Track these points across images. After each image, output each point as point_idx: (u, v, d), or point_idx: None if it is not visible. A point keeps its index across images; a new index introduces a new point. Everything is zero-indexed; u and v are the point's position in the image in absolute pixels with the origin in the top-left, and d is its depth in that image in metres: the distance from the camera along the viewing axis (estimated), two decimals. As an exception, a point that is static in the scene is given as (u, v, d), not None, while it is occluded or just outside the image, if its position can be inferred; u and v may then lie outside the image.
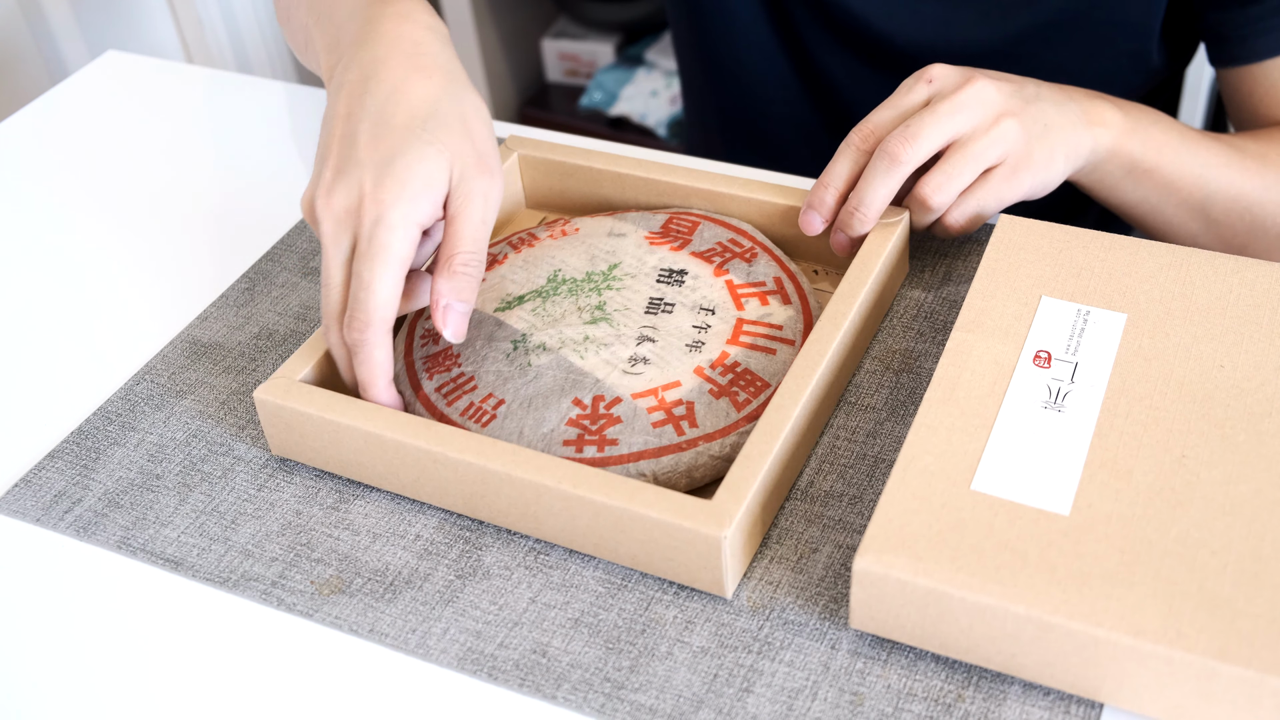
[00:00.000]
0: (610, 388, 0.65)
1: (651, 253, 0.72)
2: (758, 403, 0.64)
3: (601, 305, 0.69)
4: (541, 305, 0.70)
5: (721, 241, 0.73)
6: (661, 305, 0.69)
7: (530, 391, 0.65)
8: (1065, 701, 0.55)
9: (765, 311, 0.69)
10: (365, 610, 0.60)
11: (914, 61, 0.90)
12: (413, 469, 0.63)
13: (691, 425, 0.63)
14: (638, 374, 0.65)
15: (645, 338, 0.67)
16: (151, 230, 0.85)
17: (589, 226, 0.75)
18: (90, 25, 1.59)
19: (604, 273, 0.71)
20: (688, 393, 0.64)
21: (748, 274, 0.71)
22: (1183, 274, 0.66)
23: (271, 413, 0.65)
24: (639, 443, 0.62)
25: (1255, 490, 0.56)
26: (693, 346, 0.67)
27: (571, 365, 0.66)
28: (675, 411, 0.63)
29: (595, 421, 0.63)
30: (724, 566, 0.58)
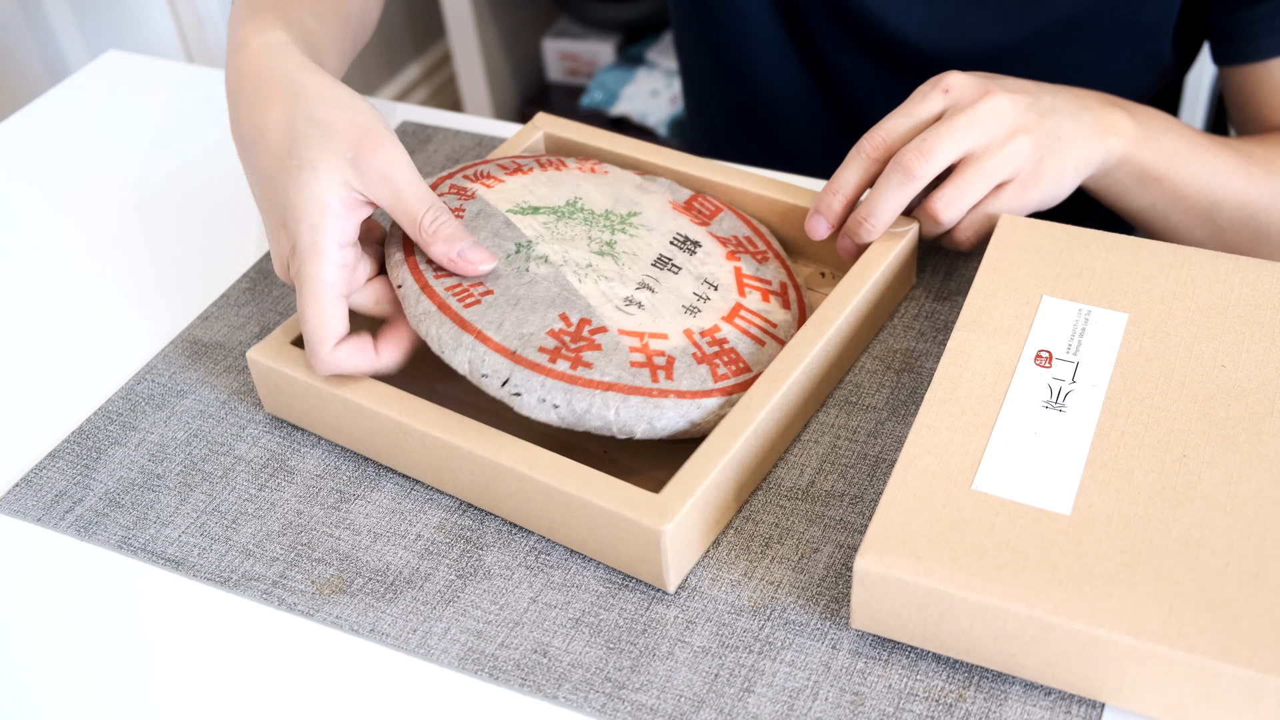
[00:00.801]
0: (600, 316, 0.64)
1: (674, 217, 0.72)
2: (735, 382, 0.64)
3: (612, 243, 0.69)
4: (555, 222, 0.69)
5: (738, 235, 0.73)
6: (670, 264, 0.69)
7: (520, 293, 0.65)
8: (1066, 701, 0.55)
9: (765, 307, 0.68)
10: (366, 610, 0.60)
11: (928, 60, 0.90)
12: (386, 438, 0.65)
13: (668, 378, 0.62)
14: (629, 314, 0.65)
15: (645, 285, 0.67)
16: (152, 230, 0.85)
17: (618, 174, 0.75)
18: (90, 25, 1.59)
19: (623, 216, 0.71)
20: (672, 348, 0.64)
21: (757, 270, 0.71)
22: (1184, 274, 0.66)
23: (262, 373, 0.68)
24: (613, 375, 0.62)
25: (1256, 490, 0.56)
26: (689, 309, 0.66)
27: (568, 284, 0.66)
28: (655, 360, 0.63)
29: (576, 340, 0.63)
30: (664, 560, 0.58)
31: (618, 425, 0.61)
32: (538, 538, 0.63)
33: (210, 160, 0.91)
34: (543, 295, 0.65)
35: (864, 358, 0.71)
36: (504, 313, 0.64)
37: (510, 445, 0.61)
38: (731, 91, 1.04)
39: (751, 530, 0.63)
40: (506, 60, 2.19)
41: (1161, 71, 0.90)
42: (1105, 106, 0.73)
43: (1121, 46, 0.88)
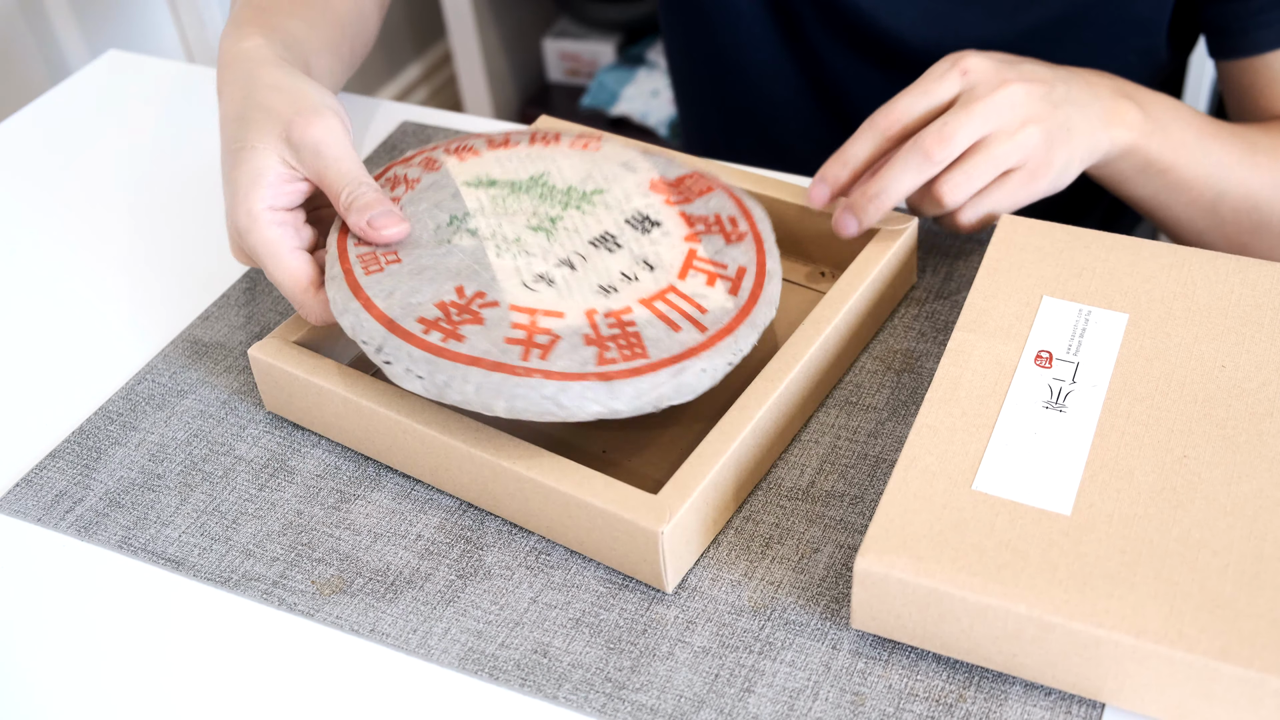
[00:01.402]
0: (499, 290, 0.64)
1: (644, 196, 0.71)
2: (619, 368, 0.60)
3: (555, 219, 0.68)
4: (506, 196, 0.69)
5: (719, 214, 0.70)
6: (610, 242, 0.67)
7: (428, 263, 0.65)
8: (1067, 701, 0.55)
9: (702, 292, 0.65)
10: (366, 610, 0.60)
11: (920, 58, 0.90)
12: (386, 437, 0.65)
13: (541, 358, 0.60)
14: (533, 290, 0.64)
15: (568, 263, 0.66)
16: (153, 229, 0.85)
17: (611, 150, 0.74)
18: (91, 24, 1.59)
19: (584, 193, 0.70)
20: (564, 327, 0.62)
21: (716, 252, 0.67)
22: (1184, 274, 0.66)
23: (264, 370, 0.68)
24: (481, 350, 0.60)
25: (1257, 490, 0.56)
26: (605, 289, 0.64)
27: (482, 257, 0.65)
28: (536, 339, 0.61)
29: (462, 313, 0.62)
30: (662, 561, 0.58)
31: (478, 401, 0.59)
32: (538, 538, 0.63)
33: (210, 160, 0.91)
34: (451, 266, 0.65)
35: (864, 358, 0.71)
36: (401, 282, 0.64)
37: (509, 445, 0.61)
38: (724, 93, 1.04)
39: (752, 530, 0.63)
40: (507, 60, 2.19)
41: (1156, 67, 0.90)
42: (1115, 97, 0.73)
43: (1114, 43, 0.88)
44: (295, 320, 0.69)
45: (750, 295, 0.65)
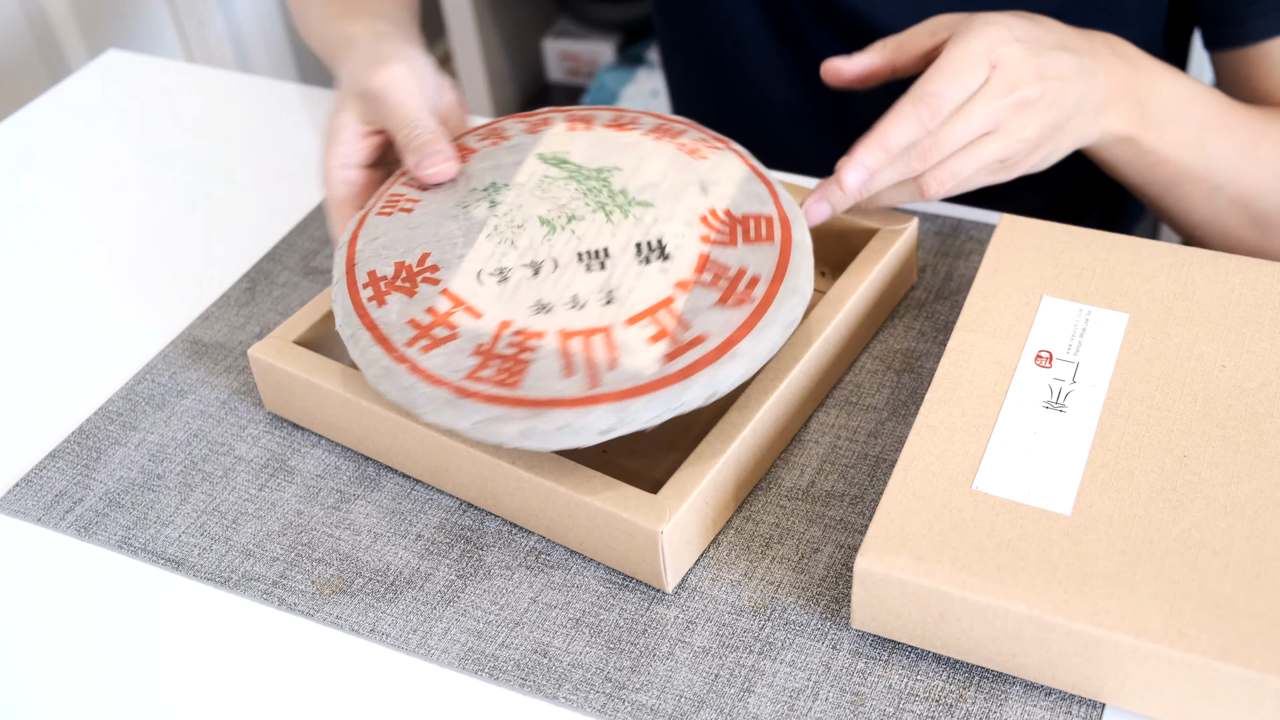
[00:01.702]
0: (452, 270, 0.63)
1: (686, 224, 0.63)
2: (478, 389, 0.58)
3: (572, 219, 0.65)
4: (560, 179, 0.67)
5: (744, 271, 0.61)
6: (599, 260, 0.63)
7: (426, 220, 0.66)
8: (1067, 701, 0.55)
9: (634, 347, 0.58)
10: (366, 610, 0.60)
11: None
12: (385, 437, 0.65)
13: (422, 351, 0.59)
14: (478, 283, 0.62)
15: (536, 266, 0.63)
16: (152, 229, 0.85)
17: (718, 163, 0.68)
18: (91, 24, 1.59)
19: (631, 200, 0.65)
20: (468, 328, 0.60)
21: (693, 310, 0.59)
22: (1184, 274, 0.66)
23: (264, 371, 0.68)
24: (386, 320, 0.61)
25: (1257, 490, 0.56)
26: (540, 307, 0.61)
27: (473, 233, 0.65)
28: (435, 331, 0.60)
29: (401, 280, 0.63)
30: (662, 561, 0.58)
31: (359, 362, 0.61)
32: (538, 538, 0.63)
33: (211, 160, 0.91)
34: (440, 232, 0.65)
35: (864, 358, 0.71)
36: (393, 231, 0.65)
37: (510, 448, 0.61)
38: (719, 91, 1.04)
39: (752, 530, 0.63)
40: (507, 60, 2.19)
41: (1151, 52, 0.91)
42: (1119, 94, 0.72)
43: (1112, 29, 0.88)
44: (295, 320, 0.69)
45: (680, 373, 0.57)
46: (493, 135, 0.71)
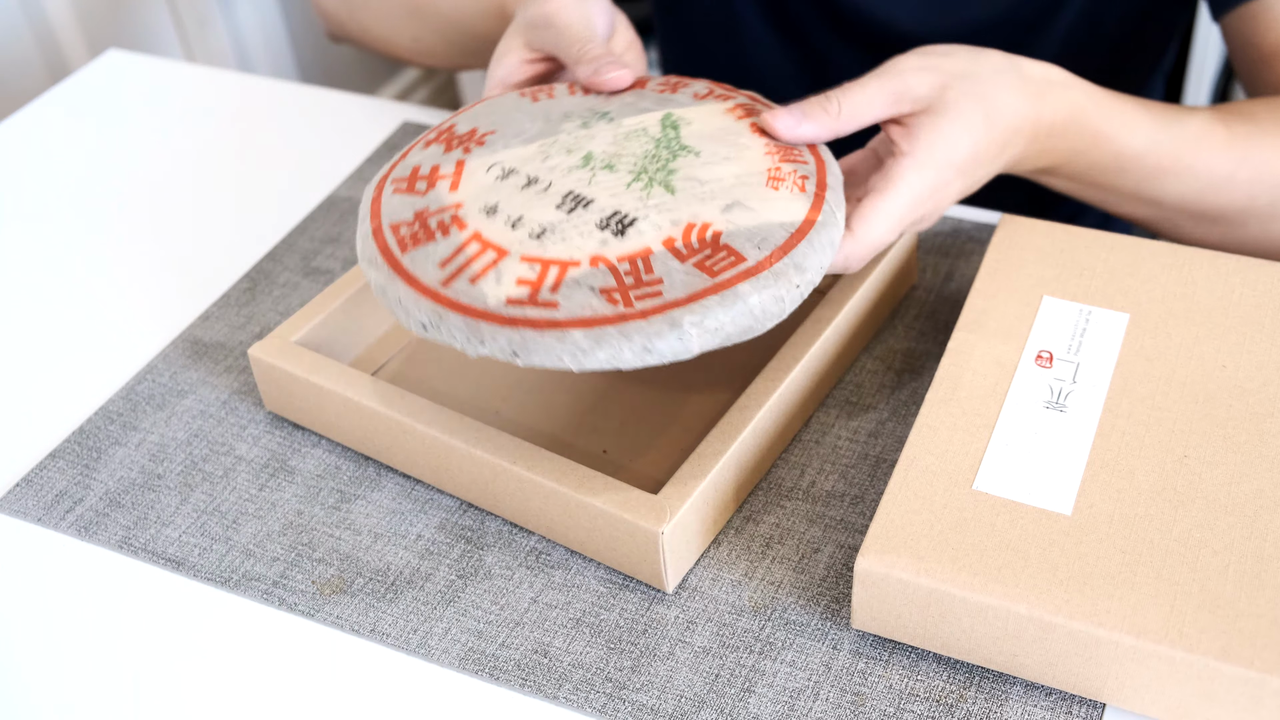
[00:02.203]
0: (488, 147, 0.64)
1: (662, 217, 0.59)
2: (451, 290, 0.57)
3: (611, 165, 0.62)
4: (642, 136, 0.65)
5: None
6: (576, 204, 0.60)
7: (541, 111, 0.67)
8: (1067, 702, 0.55)
9: (501, 290, 0.57)
10: (367, 610, 0.60)
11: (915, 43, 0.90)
12: (386, 437, 0.65)
13: (405, 246, 0.60)
14: (488, 218, 0.60)
15: (534, 179, 0.62)
16: (153, 229, 0.85)
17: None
18: (91, 24, 1.59)
19: (662, 176, 0.62)
20: (440, 191, 0.62)
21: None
22: (1185, 274, 0.66)
23: (264, 371, 0.68)
24: (391, 217, 0.62)
25: (1257, 490, 0.56)
26: (488, 209, 0.60)
27: (552, 130, 0.65)
28: (418, 185, 0.62)
29: (461, 142, 0.65)
30: (663, 561, 0.58)
31: (371, 282, 0.61)
32: (538, 538, 0.63)
33: (211, 159, 0.91)
34: (524, 123, 0.66)
35: (864, 358, 0.71)
36: (508, 109, 0.68)
37: (509, 445, 0.61)
38: None
39: (752, 530, 0.63)
40: (507, 60, 2.18)
41: (1148, 38, 0.90)
42: (1037, 146, 0.68)
43: (1103, 15, 0.88)
44: (295, 320, 0.69)
45: (509, 319, 0.56)
46: (671, 86, 0.69)
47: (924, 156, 0.63)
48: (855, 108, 0.63)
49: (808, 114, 0.63)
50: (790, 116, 0.63)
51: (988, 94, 0.65)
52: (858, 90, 0.63)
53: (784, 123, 0.63)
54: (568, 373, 0.70)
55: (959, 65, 0.65)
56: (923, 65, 0.64)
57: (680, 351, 0.55)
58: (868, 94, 0.63)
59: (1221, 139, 0.72)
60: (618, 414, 0.68)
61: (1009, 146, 0.67)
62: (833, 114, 0.63)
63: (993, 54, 0.67)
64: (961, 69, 0.65)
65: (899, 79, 0.64)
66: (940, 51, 0.66)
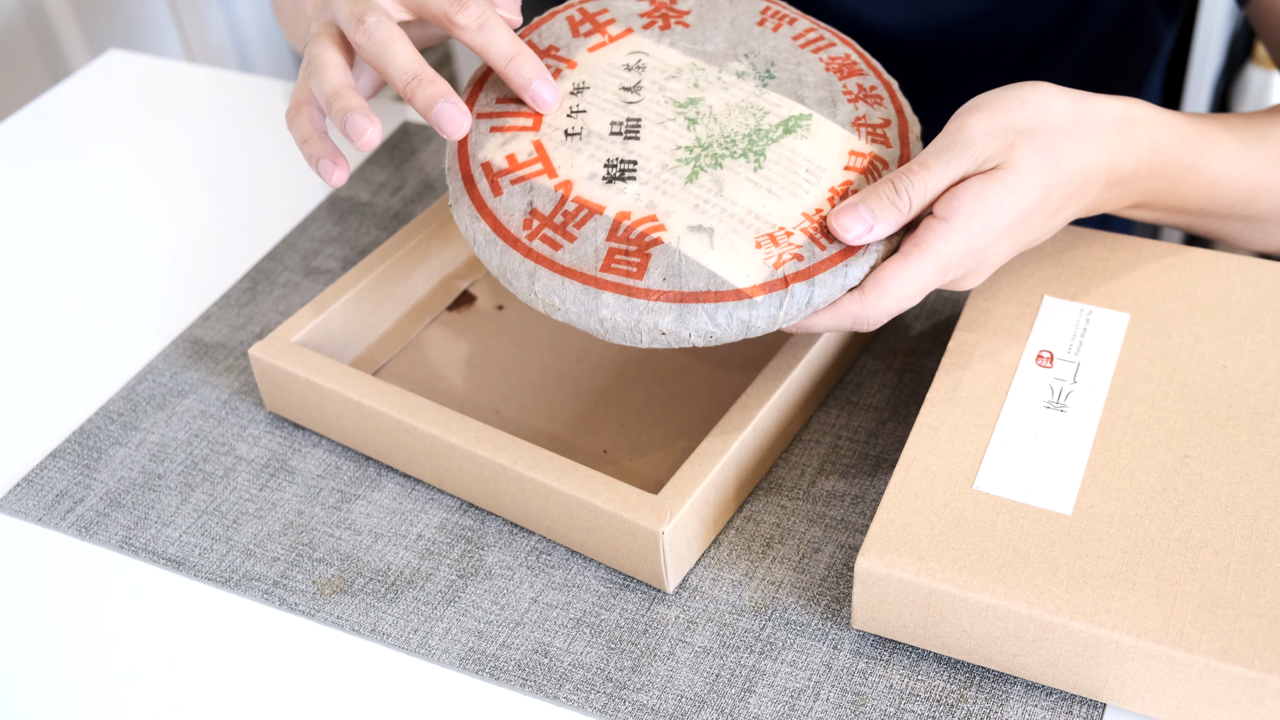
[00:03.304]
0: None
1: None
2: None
3: (698, 119, 0.63)
4: (705, 73, 0.65)
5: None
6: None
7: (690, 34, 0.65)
8: (1068, 702, 0.55)
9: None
10: (367, 610, 0.60)
11: (903, 44, 0.89)
12: (386, 437, 0.65)
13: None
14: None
15: (631, 133, 0.62)
16: (153, 229, 0.85)
17: None
18: (92, 24, 1.59)
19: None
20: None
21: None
22: (1185, 274, 0.66)
23: (264, 370, 0.68)
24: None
25: (1258, 490, 0.56)
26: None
27: (671, 51, 0.64)
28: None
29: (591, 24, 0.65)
30: (663, 561, 0.58)
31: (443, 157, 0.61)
32: (538, 538, 0.63)
33: (211, 159, 0.91)
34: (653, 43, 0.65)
35: (864, 357, 0.71)
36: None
37: (510, 445, 0.61)
38: None
39: (753, 530, 0.63)
40: (507, 60, 2.18)
41: (1142, 35, 0.90)
42: (1107, 202, 0.66)
43: (1097, 9, 0.88)
44: (296, 320, 0.69)
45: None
46: (844, 70, 0.66)
47: (960, 223, 0.58)
48: (925, 194, 0.59)
49: (876, 212, 0.59)
50: (860, 223, 0.58)
51: (1055, 146, 0.60)
52: (924, 174, 0.59)
53: (855, 232, 0.59)
54: (567, 373, 0.70)
55: (1026, 120, 0.60)
56: (990, 130, 0.60)
57: None
58: (935, 177, 0.59)
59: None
60: (618, 414, 0.68)
61: (1079, 195, 0.63)
62: (904, 210, 0.59)
63: (1063, 98, 0.62)
64: (1029, 124, 0.60)
65: (967, 150, 0.59)
66: (1007, 105, 0.61)
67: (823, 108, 0.64)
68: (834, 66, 0.66)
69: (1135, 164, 0.64)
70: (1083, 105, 0.62)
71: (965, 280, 0.61)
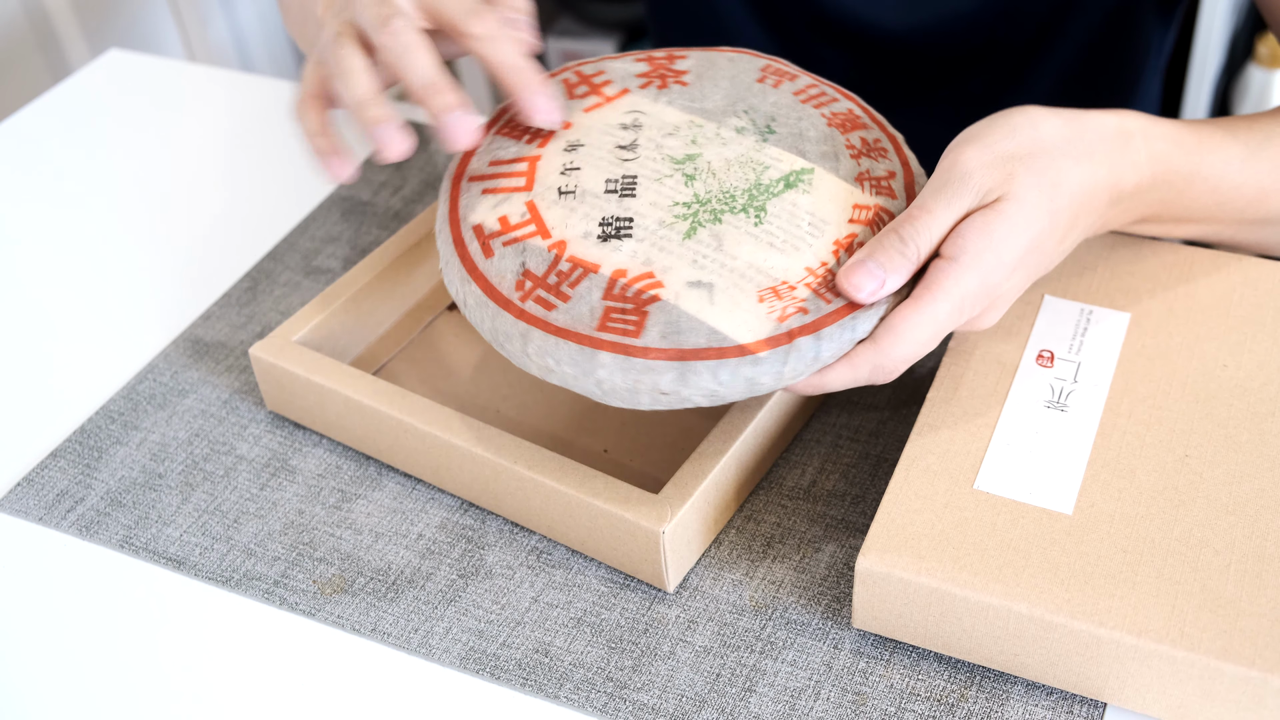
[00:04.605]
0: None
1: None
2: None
3: (693, 165, 0.61)
4: (704, 130, 0.64)
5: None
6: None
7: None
8: (1068, 701, 0.55)
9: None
10: (368, 610, 0.60)
11: (902, 44, 0.90)
12: (386, 437, 0.65)
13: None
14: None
15: (626, 187, 0.61)
16: (154, 229, 0.85)
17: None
18: (92, 24, 1.59)
19: (744, 200, 0.60)
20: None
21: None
22: (1186, 273, 0.66)
23: (265, 370, 0.68)
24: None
25: (1258, 490, 0.56)
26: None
27: (603, 174, 0.62)
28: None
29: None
30: (664, 561, 0.58)
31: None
32: (539, 537, 0.63)
33: (212, 159, 0.91)
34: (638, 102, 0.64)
35: (866, 357, 0.71)
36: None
37: (510, 445, 0.61)
38: None
39: (753, 530, 0.63)
40: (508, 59, 2.18)
41: (1140, 32, 0.89)
42: (1112, 220, 0.65)
43: (1092, 6, 0.87)
44: (296, 319, 0.69)
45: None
46: (846, 125, 0.65)
47: (969, 261, 0.57)
48: (931, 238, 0.58)
49: (887, 266, 0.57)
50: (872, 279, 0.57)
51: (1054, 170, 0.59)
52: (927, 219, 0.58)
53: (868, 289, 0.57)
54: None
55: (1020, 146, 0.59)
56: (985, 162, 0.58)
57: None
58: (938, 220, 0.58)
59: None
60: (618, 413, 0.68)
61: (1084, 215, 0.61)
62: (912, 258, 0.57)
63: (1054, 120, 0.60)
64: (1024, 149, 0.59)
65: (966, 186, 0.58)
66: (999, 134, 0.59)
67: (825, 161, 0.62)
68: (836, 121, 0.64)
69: (1137, 178, 0.62)
70: (1075, 124, 0.61)
71: (982, 319, 0.60)
